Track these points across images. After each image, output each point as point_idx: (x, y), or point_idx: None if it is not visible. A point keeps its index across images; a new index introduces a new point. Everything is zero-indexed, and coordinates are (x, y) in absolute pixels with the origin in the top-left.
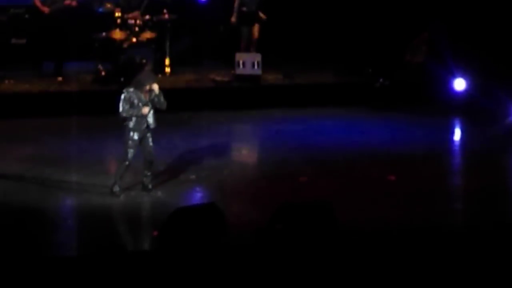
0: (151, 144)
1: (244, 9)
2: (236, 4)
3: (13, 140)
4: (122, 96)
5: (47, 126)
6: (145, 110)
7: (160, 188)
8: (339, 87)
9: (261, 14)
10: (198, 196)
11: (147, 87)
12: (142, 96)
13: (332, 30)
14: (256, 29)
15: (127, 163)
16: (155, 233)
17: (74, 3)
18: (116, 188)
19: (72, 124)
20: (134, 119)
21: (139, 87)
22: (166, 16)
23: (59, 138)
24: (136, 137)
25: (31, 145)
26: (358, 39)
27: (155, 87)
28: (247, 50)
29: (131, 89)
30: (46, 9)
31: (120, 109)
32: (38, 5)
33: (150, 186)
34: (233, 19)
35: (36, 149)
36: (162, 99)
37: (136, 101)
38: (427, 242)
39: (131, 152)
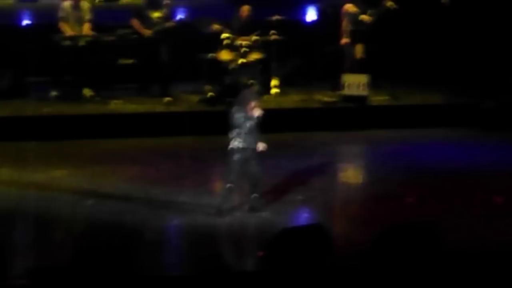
0: (256, 166)
1: (353, 28)
2: (344, 24)
3: (120, 160)
4: (232, 115)
5: (154, 146)
6: (258, 111)
7: (266, 208)
8: (445, 108)
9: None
10: (304, 216)
11: (251, 105)
12: (248, 113)
13: (439, 51)
14: (359, 48)
15: (230, 185)
16: (260, 253)
17: (173, 24)
18: (222, 209)
19: (179, 144)
20: (239, 140)
21: (242, 104)
22: (273, 37)
23: (165, 158)
24: (240, 159)
25: (138, 165)
26: (465, 60)
27: (257, 105)
28: (352, 69)
29: (237, 107)
30: (147, 32)
31: (235, 125)
32: (137, 28)
33: (257, 207)
34: (346, 39)
35: (143, 169)
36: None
37: (243, 119)
38: None
39: (234, 174)
